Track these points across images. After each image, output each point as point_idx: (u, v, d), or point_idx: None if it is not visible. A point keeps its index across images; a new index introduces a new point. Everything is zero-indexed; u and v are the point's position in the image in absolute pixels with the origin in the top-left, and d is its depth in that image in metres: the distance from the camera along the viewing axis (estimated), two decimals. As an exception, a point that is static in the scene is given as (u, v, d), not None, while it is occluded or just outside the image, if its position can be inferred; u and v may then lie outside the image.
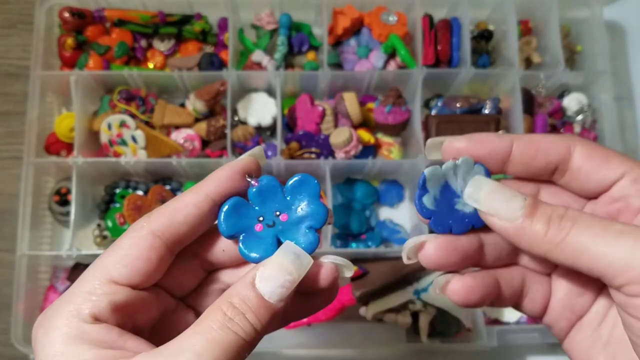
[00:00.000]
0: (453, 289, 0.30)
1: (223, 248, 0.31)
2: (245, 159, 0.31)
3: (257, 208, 0.30)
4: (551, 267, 0.32)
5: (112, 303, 0.27)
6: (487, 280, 0.30)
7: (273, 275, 0.28)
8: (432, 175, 0.30)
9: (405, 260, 0.31)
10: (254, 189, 0.30)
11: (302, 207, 0.31)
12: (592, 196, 0.30)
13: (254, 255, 0.30)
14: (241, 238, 0.30)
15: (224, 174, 0.30)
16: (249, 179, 0.30)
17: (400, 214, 0.82)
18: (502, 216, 0.28)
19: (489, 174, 0.30)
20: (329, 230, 0.72)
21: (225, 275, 0.32)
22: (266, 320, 0.27)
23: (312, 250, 0.31)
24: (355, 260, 0.74)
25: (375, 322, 0.73)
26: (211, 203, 0.30)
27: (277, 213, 0.31)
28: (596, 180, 0.29)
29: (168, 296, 0.31)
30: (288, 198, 0.31)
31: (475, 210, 0.30)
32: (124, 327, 0.28)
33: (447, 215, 0.30)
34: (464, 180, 0.31)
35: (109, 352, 0.26)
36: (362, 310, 0.73)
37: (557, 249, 0.26)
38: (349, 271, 0.32)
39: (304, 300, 0.32)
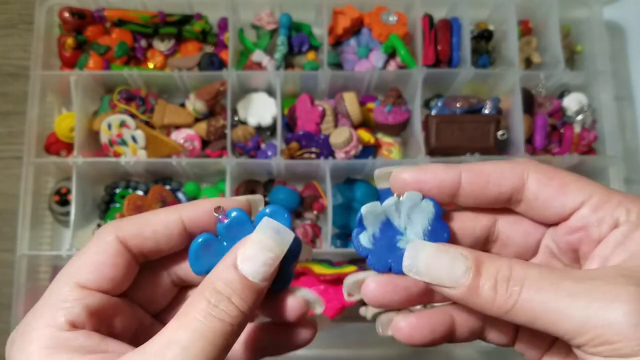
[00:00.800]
0: (397, 327, 0.30)
1: None
2: (236, 202, 0.30)
3: (225, 244, 0.29)
4: None
5: (86, 308, 0.27)
6: (436, 319, 0.29)
7: (254, 254, 0.27)
8: (370, 213, 0.30)
9: (346, 297, 0.30)
10: (224, 223, 0.29)
11: None
12: (552, 223, 0.29)
13: None
14: None
15: (204, 205, 0.30)
16: (216, 214, 0.29)
17: (400, 214, 0.82)
18: (445, 284, 0.26)
19: (439, 208, 0.29)
20: (328, 231, 0.72)
21: None
22: (252, 301, 0.26)
23: (285, 282, 0.30)
24: (355, 260, 0.75)
25: (375, 322, 0.74)
26: (181, 228, 0.29)
27: None
28: (554, 209, 0.27)
29: (142, 311, 0.31)
30: None
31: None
32: (102, 333, 0.27)
33: (386, 253, 0.29)
34: (408, 216, 0.29)
35: (92, 357, 0.25)
36: (362, 310, 0.73)
37: (510, 313, 0.25)
38: (320, 307, 0.31)
39: (280, 332, 0.32)
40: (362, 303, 0.74)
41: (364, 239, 0.30)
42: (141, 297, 0.31)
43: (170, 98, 0.83)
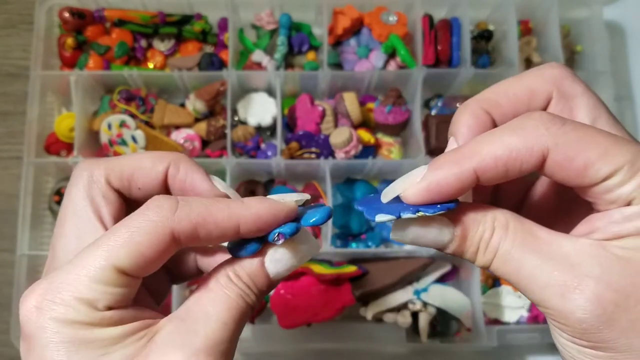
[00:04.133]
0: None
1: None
2: (288, 207, 0.29)
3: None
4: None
5: (124, 296, 0.26)
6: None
7: (283, 259, 0.29)
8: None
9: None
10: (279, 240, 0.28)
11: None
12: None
13: (238, 251, 0.29)
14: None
15: (264, 213, 0.28)
16: (276, 238, 0.28)
17: (400, 214, 0.82)
18: (436, 247, 0.28)
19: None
20: (329, 231, 0.72)
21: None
22: (265, 293, 0.29)
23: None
24: (355, 260, 0.75)
25: (375, 322, 0.73)
26: (236, 232, 0.28)
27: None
28: (573, 184, 0.26)
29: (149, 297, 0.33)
30: None
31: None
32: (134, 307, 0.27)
33: (381, 205, 0.28)
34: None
35: (131, 326, 0.25)
36: (362, 310, 0.73)
37: (489, 269, 0.27)
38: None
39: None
40: (362, 303, 0.74)
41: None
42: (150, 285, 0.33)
43: (170, 98, 0.83)
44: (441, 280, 0.75)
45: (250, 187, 0.80)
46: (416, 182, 0.26)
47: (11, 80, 0.85)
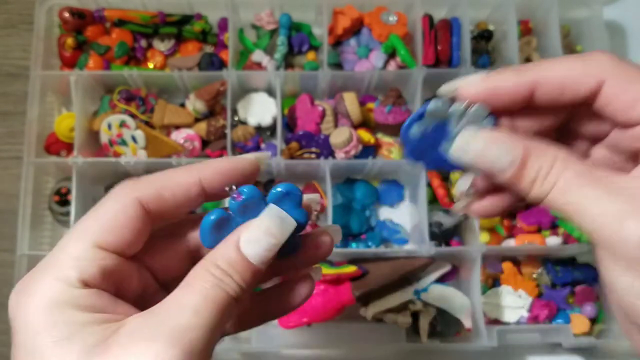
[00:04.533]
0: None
1: None
2: (245, 161, 0.31)
3: (239, 220, 0.29)
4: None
5: (101, 269, 0.26)
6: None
7: (258, 239, 0.27)
8: (434, 111, 0.30)
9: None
10: (236, 202, 0.29)
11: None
12: (622, 126, 0.29)
13: None
14: None
15: (223, 166, 0.30)
16: (228, 190, 0.29)
17: (401, 214, 0.82)
18: (493, 171, 0.28)
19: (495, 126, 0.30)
20: (329, 230, 0.72)
21: None
22: (250, 281, 0.28)
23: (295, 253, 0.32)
24: (355, 260, 0.75)
25: (375, 322, 0.73)
26: (200, 190, 0.29)
27: None
28: (626, 116, 0.27)
29: (150, 276, 0.31)
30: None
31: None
32: (115, 295, 0.27)
33: (425, 150, 0.31)
34: (464, 127, 0.30)
35: (100, 316, 0.25)
36: (362, 310, 0.73)
37: (542, 203, 0.27)
38: (339, 234, 0.33)
39: (280, 294, 0.33)
40: (362, 303, 0.74)
41: (415, 129, 0.31)
42: (155, 262, 0.31)
43: (170, 98, 0.83)
44: (441, 280, 0.75)
45: (250, 187, 0.80)
46: (476, 79, 0.28)
47: (11, 80, 0.85)
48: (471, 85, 0.29)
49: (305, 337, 0.72)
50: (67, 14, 0.77)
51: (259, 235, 0.27)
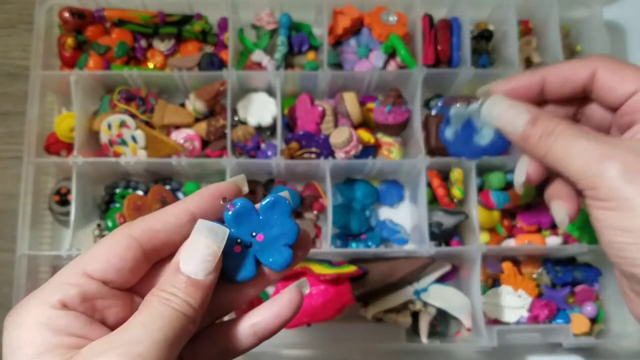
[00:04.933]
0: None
1: None
2: (226, 184, 0.33)
3: (233, 230, 0.32)
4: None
5: (82, 293, 0.29)
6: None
7: (192, 254, 0.30)
8: (456, 114, 0.39)
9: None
10: (230, 213, 0.32)
11: (276, 227, 0.33)
12: (616, 108, 0.35)
13: (235, 276, 0.33)
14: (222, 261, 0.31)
15: (207, 192, 0.33)
16: (223, 203, 0.32)
17: (400, 214, 0.82)
18: (508, 130, 0.35)
19: None
20: (329, 231, 0.72)
21: None
22: (199, 295, 0.30)
23: (287, 265, 0.34)
24: (355, 260, 0.75)
25: (375, 322, 0.74)
26: (190, 216, 0.32)
27: (253, 234, 0.33)
28: (615, 96, 0.34)
29: None
30: (262, 218, 0.33)
31: (488, 143, 0.39)
32: (92, 318, 0.29)
33: (463, 145, 0.39)
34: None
35: (71, 339, 0.27)
36: (362, 310, 0.73)
37: (544, 158, 0.34)
38: (307, 287, 0.35)
39: (230, 291, 0.34)
40: (363, 303, 0.74)
41: (449, 133, 0.40)
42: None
43: (170, 98, 0.83)
44: (441, 280, 0.75)
45: (250, 187, 0.79)
46: (501, 84, 0.37)
47: (11, 80, 0.85)
48: (499, 85, 0.37)
49: (305, 337, 0.72)
50: (67, 14, 0.77)
51: (192, 251, 0.30)
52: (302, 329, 0.70)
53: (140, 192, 0.79)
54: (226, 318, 0.36)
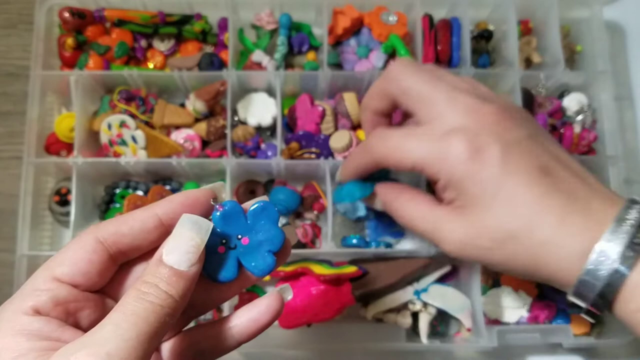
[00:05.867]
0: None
1: None
2: (199, 191, 0.34)
3: (219, 231, 0.33)
4: None
5: (53, 297, 0.29)
6: None
7: (176, 245, 0.30)
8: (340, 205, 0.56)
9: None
10: (218, 213, 0.32)
11: (262, 232, 0.33)
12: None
13: (217, 275, 0.33)
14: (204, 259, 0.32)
15: (177, 198, 0.33)
16: (213, 203, 0.33)
17: (400, 214, 0.82)
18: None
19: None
20: (328, 231, 0.72)
21: None
22: (181, 287, 0.29)
23: (269, 271, 0.34)
24: (355, 260, 0.75)
25: (375, 322, 0.74)
26: (157, 222, 0.32)
27: (239, 236, 0.33)
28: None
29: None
30: (249, 222, 0.33)
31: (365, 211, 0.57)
32: (66, 322, 0.30)
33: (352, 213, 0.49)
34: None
35: (43, 343, 0.28)
36: (362, 311, 0.73)
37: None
38: (290, 293, 0.35)
39: (211, 290, 0.34)
40: (362, 303, 0.74)
41: (340, 207, 0.58)
42: (120, 294, 0.33)
43: (170, 98, 0.83)
44: (441, 280, 0.75)
45: (250, 187, 0.80)
46: (340, 170, 0.46)
47: (11, 80, 0.85)
48: (339, 174, 0.41)
49: (305, 337, 0.72)
50: (67, 14, 0.77)
51: (175, 243, 0.30)
52: (302, 329, 0.70)
53: (140, 192, 0.79)
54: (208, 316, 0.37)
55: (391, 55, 0.81)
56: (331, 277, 0.68)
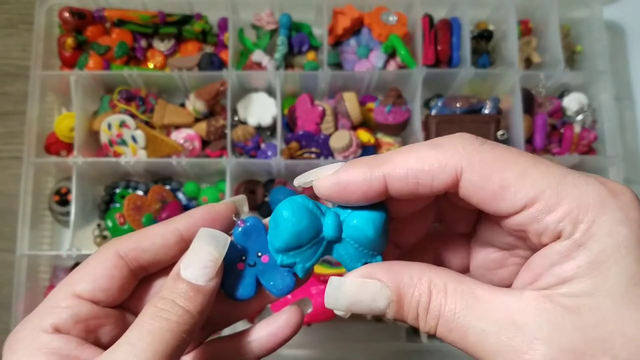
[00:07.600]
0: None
1: None
2: (221, 205, 0.33)
3: (240, 247, 0.32)
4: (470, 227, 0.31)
5: (74, 315, 0.29)
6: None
7: (194, 260, 0.29)
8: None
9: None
10: (240, 229, 0.31)
11: None
12: (497, 215, 0.25)
13: (234, 293, 0.32)
14: (223, 276, 0.31)
15: (198, 213, 0.32)
16: (235, 219, 0.32)
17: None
18: (372, 314, 0.27)
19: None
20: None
21: None
22: (199, 302, 0.28)
23: (288, 291, 0.33)
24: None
25: (375, 322, 0.73)
26: (178, 237, 0.31)
27: (259, 254, 0.32)
28: (491, 210, 0.24)
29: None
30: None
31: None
32: (86, 340, 0.29)
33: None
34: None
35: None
36: (362, 310, 0.73)
37: (436, 335, 0.25)
38: (310, 306, 0.35)
39: (229, 306, 0.33)
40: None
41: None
42: (140, 309, 0.32)
43: (170, 98, 0.83)
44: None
45: (250, 186, 0.80)
46: (327, 175, 0.28)
47: (11, 80, 0.85)
48: (322, 181, 0.28)
49: (305, 337, 0.72)
50: (67, 14, 0.77)
51: (193, 257, 0.29)
52: (302, 329, 0.70)
53: (140, 192, 0.79)
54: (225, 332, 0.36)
55: (391, 55, 0.81)
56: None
